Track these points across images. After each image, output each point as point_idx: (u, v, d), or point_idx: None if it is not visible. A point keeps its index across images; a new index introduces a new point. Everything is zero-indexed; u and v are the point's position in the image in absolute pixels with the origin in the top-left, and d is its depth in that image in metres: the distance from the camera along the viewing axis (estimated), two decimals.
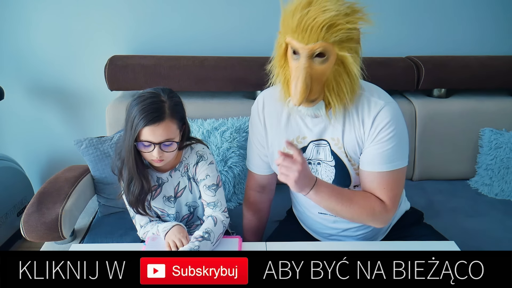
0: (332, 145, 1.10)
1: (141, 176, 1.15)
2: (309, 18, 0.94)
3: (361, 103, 1.06)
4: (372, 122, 1.04)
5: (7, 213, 1.93)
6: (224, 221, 1.17)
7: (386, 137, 1.04)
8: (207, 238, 1.08)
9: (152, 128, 1.06)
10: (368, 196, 1.08)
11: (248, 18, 1.95)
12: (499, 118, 1.84)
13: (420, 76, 1.86)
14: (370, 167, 1.07)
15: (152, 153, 1.09)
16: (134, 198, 1.16)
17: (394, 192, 1.08)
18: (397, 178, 1.08)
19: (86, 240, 1.48)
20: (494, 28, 2.03)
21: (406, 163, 1.09)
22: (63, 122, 2.17)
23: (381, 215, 1.08)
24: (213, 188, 1.20)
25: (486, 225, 1.57)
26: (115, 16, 1.95)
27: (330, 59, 0.98)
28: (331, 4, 0.94)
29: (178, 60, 1.81)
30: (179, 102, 1.15)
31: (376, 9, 2.11)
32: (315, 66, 0.98)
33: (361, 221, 1.12)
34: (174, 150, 1.12)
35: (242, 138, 1.69)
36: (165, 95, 1.11)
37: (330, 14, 0.93)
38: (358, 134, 1.07)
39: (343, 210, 1.07)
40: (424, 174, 1.90)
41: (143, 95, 1.10)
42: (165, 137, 1.08)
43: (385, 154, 1.04)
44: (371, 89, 1.09)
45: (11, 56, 2.02)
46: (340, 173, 1.12)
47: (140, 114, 1.06)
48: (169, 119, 1.08)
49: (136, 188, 1.15)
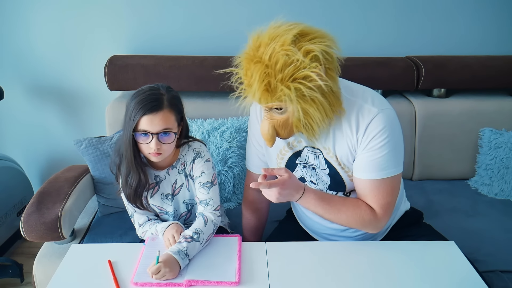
0: (325, 153, 1.10)
1: (138, 169, 1.15)
2: (253, 82, 0.94)
3: (354, 111, 1.03)
4: (364, 129, 1.02)
5: (7, 213, 1.93)
6: (215, 221, 1.17)
7: (378, 144, 1.02)
8: (196, 239, 1.08)
9: (150, 117, 1.07)
10: (359, 204, 1.07)
11: (248, 18, 1.96)
12: (498, 118, 1.84)
13: (420, 76, 1.86)
14: (361, 174, 1.06)
15: (149, 144, 1.10)
16: (132, 191, 1.17)
17: (386, 200, 1.06)
18: (390, 185, 1.06)
19: (86, 240, 1.48)
20: (494, 28, 2.03)
21: (399, 171, 1.06)
22: (63, 122, 2.17)
23: (371, 223, 1.07)
24: (207, 186, 1.20)
25: (486, 225, 1.57)
26: (115, 16, 1.95)
27: (289, 110, 0.98)
28: (277, 57, 0.90)
29: (178, 60, 1.81)
30: (177, 97, 1.16)
31: (376, 9, 2.12)
32: (276, 116, 1.00)
33: (352, 227, 1.13)
34: (172, 142, 1.12)
35: (241, 138, 1.69)
36: (164, 89, 1.13)
37: (275, 78, 0.91)
38: (350, 142, 1.05)
39: (331, 218, 1.09)
40: (424, 174, 1.90)
41: (142, 89, 1.12)
42: (163, 126, 1.09)
43: (376, 162, 1.03)
44: (365, 95, 1.05)
45: (11, 56, 2.02)
46: (334, 179, 1.13)
47: (139, 104, 1.08)
48: (167, 109, 1.10)
49: (134, 181, 1.16)
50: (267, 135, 1.02)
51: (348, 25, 1.98)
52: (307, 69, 0.91)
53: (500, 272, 1.32)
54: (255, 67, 0.93)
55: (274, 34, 0.93)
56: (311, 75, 0.91)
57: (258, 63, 0.93)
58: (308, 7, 1.96)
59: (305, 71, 0.91)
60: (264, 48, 0.92)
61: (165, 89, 1.13)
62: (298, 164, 1.16)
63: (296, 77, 0.91)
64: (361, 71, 1.79)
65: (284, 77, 0.91)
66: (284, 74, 0.91)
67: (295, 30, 0.92)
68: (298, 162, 1.15)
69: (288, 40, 0.90)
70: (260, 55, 0.93)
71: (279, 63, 0.91)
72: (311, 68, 0.91)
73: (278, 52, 0.90)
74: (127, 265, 1.04)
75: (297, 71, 0.91)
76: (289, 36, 0.91)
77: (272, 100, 0.95)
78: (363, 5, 1.96)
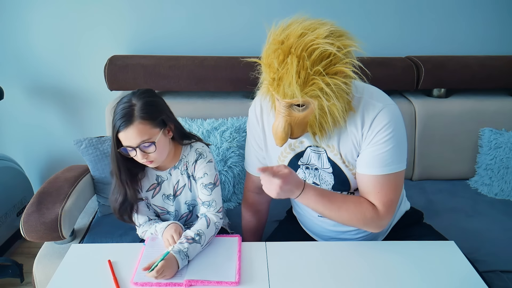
0: (328, 152, 1.09)
1: (124, 184, 1.16)
2: (283, 74, 0.90)
3: (360, 107, 1.03)
4: (370, 124, 1.01)
5: (6, 213, 1.93)
6: (217, 223, 1.17)
7: (383, 139, 1.01)
8: (197, 240, 1.08)
9: (124, 133, 1.07)
10: (361, 202, 1.06)
11: (248, 18, 1.95)
12: (498, 118, 1.84)
13: (420, 76, 1.86)
14: (365, 170, 1.05)
15: (136, 156, 1.10)
16: (117, 205, 1.18)
17: (389, 197, 1.05)
18: (393, 182, 1.04)
19: (86, 240, 1.48)
20: (494, 29, 2.03)
21: (403, 167, 1.05)
22: (63, 122, 2.17)
23: (373, 221, 1.06)
24: (209, 187, 1.20)
25: (486, 225, 1.57)
26: (115, 16, 1.95)
27: (310, 107, 0.96)
28: (313, 49, 0.88)
29: (178, 60, 1.81)
30: (151, 102, 1.11)
31: (376, 9, 2.12)
32: (294, 113, 0.97)
33: (354, 226, 1.11)
34: (156, 150, 1.11)
35: (241, 138, 1.69)
36: (136, 98, 1.10)
37: (310, 71, 0.88)
38: (355, 138, 1.05)
39: (332, 216, 1.07)
40: (424, 174, 1.90)
41: (119, 101, 1.12)
42: (139, 139, 1.08)
43: (381, 157, 1.02)
44: (370, 92, 1.06)
45: (11, 56, 2.02)
46: (338, 178, 1.12)
47: (113, 121, 1.09)
48: (138, 121, 1.07)
49: (120, 196, 1.17)
50: (282, 133, 0.98)
51: (348, 25, 1.95)
52: (340, 64, 0.89)
53: (500, 272, 1.32)
54: (289, 58, 0.88)
55: (305, 27, 0.90)
56: (346, 70, 0.90)
57: (291, 55, 0.88)
58: (308, 7, 1.95)
59: (339, 66, 0.89)
60: (295, 39, 0.89)
61: (137, 96, 1.10)
62: (300, 166, 1.15)
63: (329, 72, 0.90)
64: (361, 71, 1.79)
65: (319, 70, 0.89)
66: (319, 66, 0.88)
67: (327, 26, 0.90)
68: (300, 163, 1.15)
69: (323, 33, 0.88)
70: (289, 46, 0.89)
71: (315, 55, 0.87)
72: (344, 64, 0.90)
73: (313, 45, 0.87)
74: (127, 265, 1.04)
75: (332, 66, 0.89)
76: (323, 29, 0.88)
77: (302, 94, 0.91)
78: (363, 5, 1.96)
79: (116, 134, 1.09)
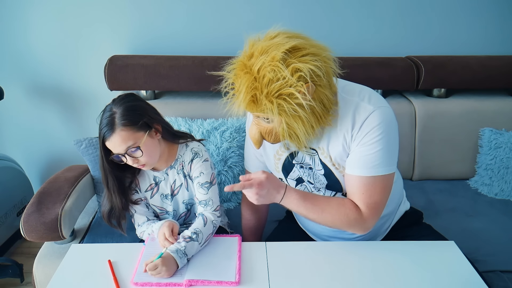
0: (320, 153, 1.09)
1: (111, 192, 1.17)
2: (242, 90, 0.94)
3: (351, 110, 1.02)
4: (360, 126, 1.01)
5: (7, 213, 1.93)
6: (215, 221, 1.17)
7: (372, 140, 1.00)
8: (194, 239, 1.08)
9: (109, 142, 1.08)
10: (344, 203, 1.05)
11: (248, 18, 1.96)
12: (499, 118, 1.84)
13: (420, 76, 1.86)
14: (351, 170, 1.04)
15: (127, 162, 1.11)
16: (106, 211, 1.19)
17: (373, 199, 1.03)
18: (379, 185, 1.03)
19: (86, 240, 1.48)
20: (494, 29, 2.03)
21: (391, 171, 1.04)
22: (63, 122, 2.17)
23: (356, 222, 1.05)
24: (206, 186, 1.20)
25: (486, 225, 1.57)
26: (115, 16, 1.95)
27: (275, 120, 0.98)
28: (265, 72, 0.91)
29: (178, 60, 1.81)
30: (130, 106, 1.11)
31: (376, 9, 2.12)
32: (262, 123, 1.01)
33: (338, 228, 1.09)
34: (143, 154, 1.11)
35: (241, 138, 1.70)
36: (116, 105, 1.11)
37: (261, 92, 0.92)
38: (345, 140, 1.04)
39: (316, 219, 1.07)
40: (424, 174, 1.90)
41: (102, 110, 1.13)
42: (124, 146, 1.08)
43: (368, 158, 1.01)
44: (362, 94, 1.04)
45: (11, 56, 2.02)
46: (330, 179, 1.12)
47: (99, 131, 1.10)
48: (120, 128, 1.07)
49: (108, 202, 1.18)
50: (254, 139, 1.05)
51: (349, 25, 1.98)
52: (292, 87, 0.91)
53: (500, 272, 1.32)
54: (245, 77, 0.94)
55: (267, 46, 0.93)
56: (295, 93, 0.91)
57: (248, 74, 0.94)
58: (308, 8, 1.96)
59: (290, 89, 0.91)
60: (255, 59, 0.93)
61: (117, 103, 1.11)
62: (295, 164, 1.15)
63: (282, 93, 0.92)
64: (361, 71, 1.80)
65: (270, 92, 0.92)
66: (269, 89, 0.92)
67: (288, 45, 0.91)
68: (295, 162, 1.15)
69: (278, 56, 0.90)
70: (251, 66, 0.93)
71: (266, 78, 0.91)
72: (297, 87, 0.91)
73: (267, 67, 0.91)
74: (127, 265, 1.04)
75: (283, 88, 0.92)
76: (279, 51, 0.91)
77: (257, 111, 0.96)
78: (364, 5, 1.96)
79: (103, 143, 1.10)
